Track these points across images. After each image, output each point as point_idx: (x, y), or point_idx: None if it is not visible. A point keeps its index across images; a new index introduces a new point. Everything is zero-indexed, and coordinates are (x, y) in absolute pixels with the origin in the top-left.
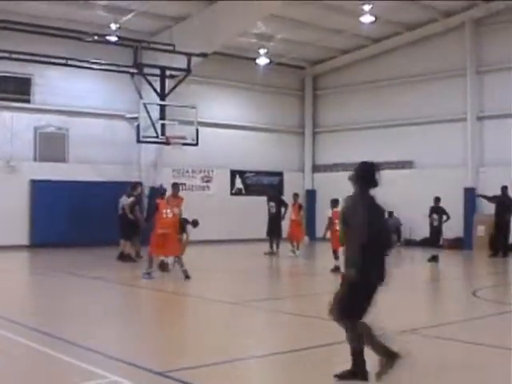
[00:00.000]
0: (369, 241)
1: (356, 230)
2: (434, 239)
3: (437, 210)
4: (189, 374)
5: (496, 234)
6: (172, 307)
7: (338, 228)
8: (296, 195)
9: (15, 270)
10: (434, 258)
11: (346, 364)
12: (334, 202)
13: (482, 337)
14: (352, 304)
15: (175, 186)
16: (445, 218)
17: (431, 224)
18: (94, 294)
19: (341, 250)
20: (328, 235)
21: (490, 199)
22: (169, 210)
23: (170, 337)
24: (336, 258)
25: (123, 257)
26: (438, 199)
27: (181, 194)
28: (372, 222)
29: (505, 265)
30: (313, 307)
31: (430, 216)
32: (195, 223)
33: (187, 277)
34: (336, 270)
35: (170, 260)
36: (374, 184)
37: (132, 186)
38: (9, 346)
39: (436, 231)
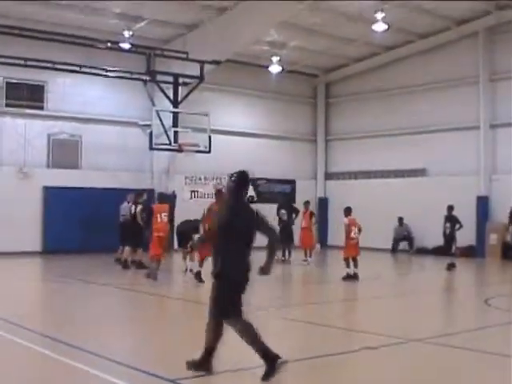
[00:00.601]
0: (229, 242)
1: (218, 231)
2: (447, 247)
3: (450, 219)
4: (199, 381)
5: None
6: (182, 314)
7: (353, 235)
8: (307, 203)
9: (27, 276)
10: (452, 266)
11: (354, 372)
12: (348, 210)
13: (491, 346)
14: (224, 303)
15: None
16: (457, 226)
17: (444, 232)
18: (104, 300)
19: (358, 257)
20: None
21: None
22: (163, 215)
23: (181, 344)
24: (348, 265)
25: (126, 264)
26: (450, 208)
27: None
28: (235, 225)
29: None
30: (323, 315)
31: (444, 224)
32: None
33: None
34: (348, 277)
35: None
36: (247, 190)
37: (138, 194)
38: (20, 352)
39: (449, 239)
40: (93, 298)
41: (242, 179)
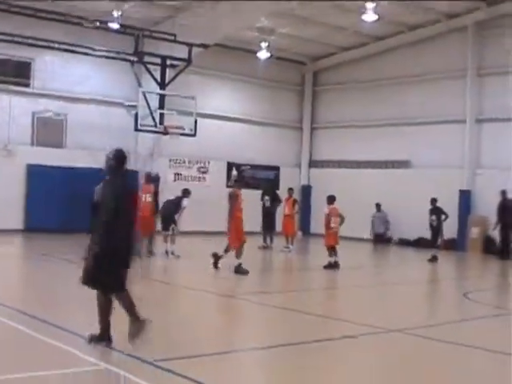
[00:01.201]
0: (110, 217)
1: (101, 207)
2: (433, 240)
3: (435, 211)
4: (178, 364)
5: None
6: (165, 298)
7: (332, 225)
8: (290, 190)
9: (9, 254)
10: (434, 259)
11: (333, 360)
12: (330, 199)
13: (469, 338)
14: (98, 273)
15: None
16: (443, 217)
17: (431, 225)
18: None
19: (337, 246)
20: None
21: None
22: (148, 195)
23: (162, 327)
24: (330, 254)
25: None
26: (434, 200)
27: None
28: (116, 201)
29: (498, 267)
30: (304, 303)
31: (430, 217)
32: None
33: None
34: (329, 266)
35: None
36: (125, 167)
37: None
38: (2, 331)
39: (435, 232)
40: (75, 277)
41: (119, 157)
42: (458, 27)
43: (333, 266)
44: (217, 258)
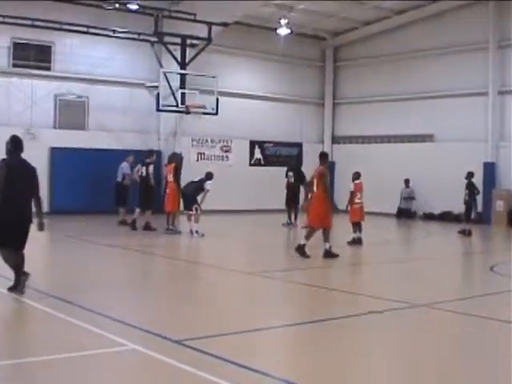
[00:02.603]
0: (9, 190)
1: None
2: (465, 214)
3: (468, 186)
4: (205, 343)
5: None
6: (189, 276)
7: (357, 201)
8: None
9: (34, 237)
10: (464, 232)
11: (360, 336)
12: (356, 175)
13: (495, 312)
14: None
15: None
16: (476, 192)
17: (464, 199)
18: (111, 262)
19: (362, 222)
20: (349, 208)
21: None
22: (170, 175)
23: (187, 306)
24: (354, 230)
25: (149, 227)
26: (469, 174)
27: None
28: (12, 178)
29: None
30: (330, 279)
31: (464, 191)
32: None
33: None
34: (353, 242)
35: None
36: (21, 150)
37: (148, 154)
38: (29, 314)
39: (466, 207)
40: (100, 259)
41: (15, 142)
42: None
43: (356, 242)
44: (329, 254)
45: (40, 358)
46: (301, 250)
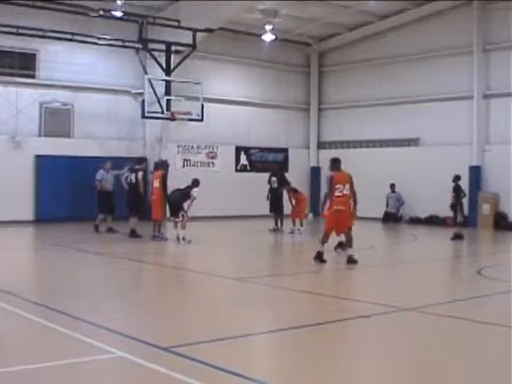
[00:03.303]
0: None
1: None
2: (454, 218)
3: (454, 189)
4: (194, 349)
5: None
6: (176, 282)
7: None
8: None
9: (20, 245)
10: (456, 237)
11: (348, 340)
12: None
13: (483, 315)
14: None
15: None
16: (462, 194)
17: (451, 202)
18: (98, 270)
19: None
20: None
21: None
22: (157, 181)
23: (175, 312)
24: (337, 234)
25: (135, 234)
26: (456, 177)
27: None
28: None
29: (510, 243)
30: (316, 284)
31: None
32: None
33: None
34: (339, 245)
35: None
36: None
37: (139, 161)
38: (14, 321)
39: (453, 210)
40: (86, 267)
41: None
42: (463, 3)
43: (341, 244)
44: (352, 260)
45: (24, 367)
46: (352, 260)
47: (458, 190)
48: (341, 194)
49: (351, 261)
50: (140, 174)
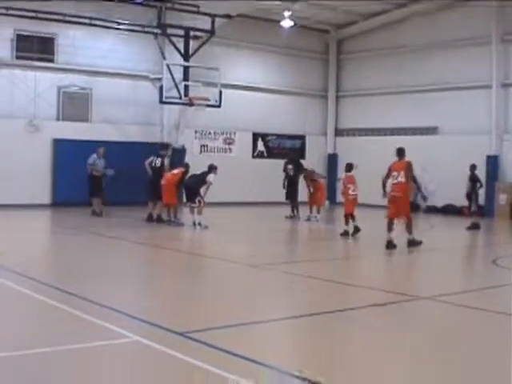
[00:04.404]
0: None
1: None
2: (468, 206)
3: (470, 178)
4: (209, 335)
5: None
6: (192, 268)
7: (350, 192)
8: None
9: (37, 228)
10: (473, 226)
11: (363, 328)
12: (347, 167)
13: (497, 305)
14: None
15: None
16: (478, 185)
17: (467, 191)
18: (115, 254)
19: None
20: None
21: None
22: (175, 171)
23: (190, 298)
24: (346, 222)
25: (153, 219)
26: (471, 166)
27: None
28: None
29: None
30: (331, 271)
31: (467, 183)
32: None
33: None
34: (345, 234)
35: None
36: None
37: (163, 147)
38: (31, 305)
39: (469, 199)
40: (103, 251)
41: None
42: None
43: (347, 233)
44: (413, 243)
45: (42, 350)
46: (413, 243)
47: (473, 180)
48: (396, 181)
49: (412, 244)
50: (166, 160)
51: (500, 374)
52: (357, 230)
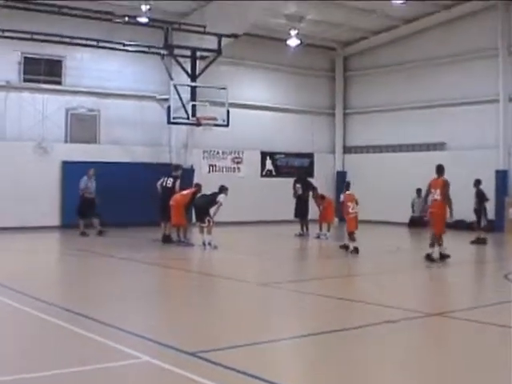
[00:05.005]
0: None
1: None
2: (476, 222)
3: (476, 194)
4: (220, 355)
5: None
6: (202, 288)
7: (350, 211)
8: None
9: (47, 250)
10: (479, 241)
11: (376, 346)
12: (347, 186)
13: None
14: None
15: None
16: (482, 200)
17: (474, 207)
18: (124, 275)
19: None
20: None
21: None
22: (185, 192)
23: (201, 318)
24: (351, 239)
25: (168, 239)
26: (477, 182)
27: None
28: None
29: None
30: (341, 289)
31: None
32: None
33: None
34: (345, 246)
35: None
36: None
37: (176, 168)
38: (42, 327)
39: (476, 215)
40: (112, 272)
41: None
42: (488, 6)
43: (349, 248)
44: (442, 256)
45: (52, 372)
46: (444, 256)
47: (479, 195)
48: (433, 198)
49: (444, 257)
50: (178, 181)
51: None
52: (356, 250)
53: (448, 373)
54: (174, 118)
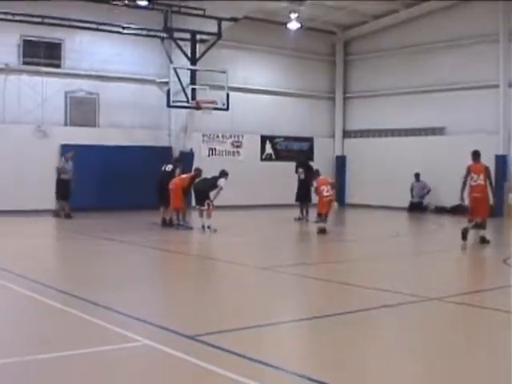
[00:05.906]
0: None
1: None
2: None
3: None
4: (219, 338)
5: None
6: (201, 271)
7: (325, 193)
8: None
9: (45, 234)
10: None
11: (374, 330)
12: (317, 172)
13: (509, 305)
14: None
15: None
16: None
17: None
18: (124, 258)
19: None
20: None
21: None
22: (184, 176)
23: (200, 301)
24: (319, 220)
25: (167, 223)
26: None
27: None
28: None
29: None
30: (339, 273)
31: None
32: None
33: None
34: (321, 231)
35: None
36: None
37: (177, 160)
38: (42, 310)
39: None
40: (112, 256)
41: None
42: None
43: (324, 230)
44: (484, 240)
45: (52, 355)
46: (484, 240)
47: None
48: (475, 184)
49: (484, 241)
50: (178, 169)
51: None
52: (323, 231)
53: (446, 355)
54: (173, 102)
